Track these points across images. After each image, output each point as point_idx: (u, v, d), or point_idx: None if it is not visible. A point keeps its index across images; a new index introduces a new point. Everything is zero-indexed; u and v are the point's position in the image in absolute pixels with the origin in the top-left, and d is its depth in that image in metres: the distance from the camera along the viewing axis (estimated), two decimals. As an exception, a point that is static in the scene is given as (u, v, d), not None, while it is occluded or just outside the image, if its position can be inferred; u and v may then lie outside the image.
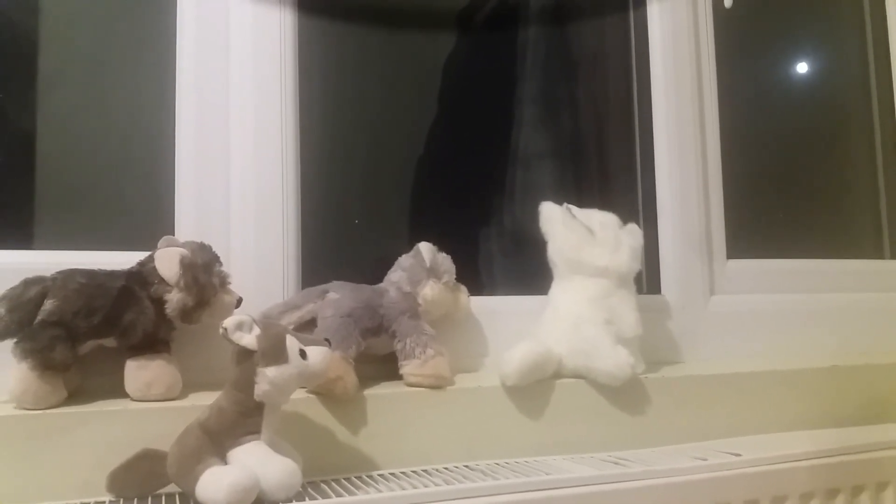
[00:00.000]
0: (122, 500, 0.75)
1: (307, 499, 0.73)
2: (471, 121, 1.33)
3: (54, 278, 0.83)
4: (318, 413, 0.87)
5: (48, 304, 0.80)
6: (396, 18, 1.28)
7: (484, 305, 1.12)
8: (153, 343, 0.86)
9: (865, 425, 1.10)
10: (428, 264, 1.01)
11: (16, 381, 0.78)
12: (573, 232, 1.06)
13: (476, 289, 1.11)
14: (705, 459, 0.90)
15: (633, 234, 1.08)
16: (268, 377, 0.73)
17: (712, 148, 1.32)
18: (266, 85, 1.05)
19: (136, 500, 0.75)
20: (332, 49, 1.20)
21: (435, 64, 1.33)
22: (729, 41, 1.38)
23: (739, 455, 0.91)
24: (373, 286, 1.01)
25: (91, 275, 0.84)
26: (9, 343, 0.80)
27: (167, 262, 0.86)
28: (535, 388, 0.98)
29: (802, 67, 1.61)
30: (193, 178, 1.01)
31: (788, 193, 1.52)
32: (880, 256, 1.54)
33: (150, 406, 0.82)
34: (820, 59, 1.62)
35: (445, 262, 1.04)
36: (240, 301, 0.91)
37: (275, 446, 0.75)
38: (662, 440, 1.02)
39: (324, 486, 0.80)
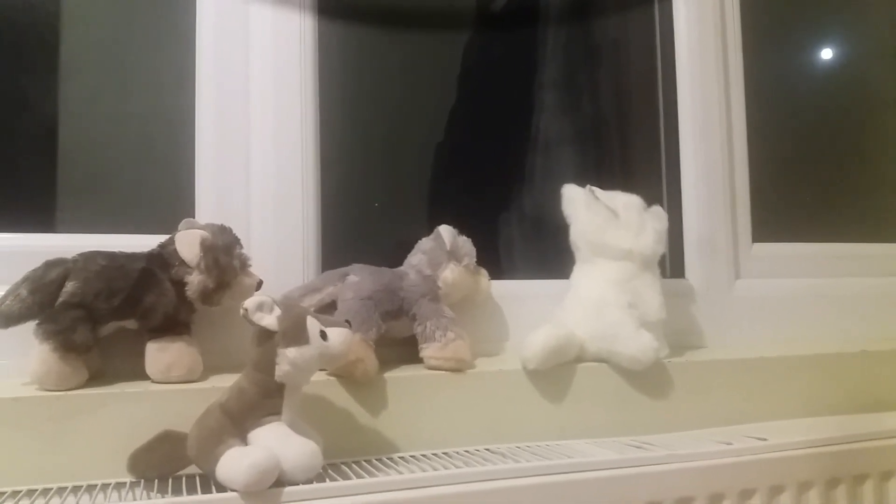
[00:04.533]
0: (142, 482, 0.75)
1: (328, 480, 0.73)
2: (492, 106, 1.32)
3: (75, 260, 0.83)
4: (339, 395, 0.87)
5: (69, 286, 0.80)
6: (418, 5, 1.27)
7: (505, 289, 1.11)
8: (174, 325, 0.86)
9: (894, 411, 1.08)
10: (448, 247, 1.00)
11: (38, 363, 0.78)
12: (596, 214, 1.04)
13: (497, 273, 1.10)
14: (730, 444, 0.88)
15: (657, 217, 1.06)
16: (288, 358, 0.73)
17: (738, 130, 1.30)
18: (286, 69, 1.04)
19: (156, 481, 0.75)
20: (352, 34, 1.19)
21: (457, 49, 1.31)
22: (755, 25, 1.35)
23: (765, 440, 0.90)
24: (393, 269, 1.00)
25: (112, 257, 0.85)
26: (31, 325, 0.80)
27: (187, 244, 0.86)
28: (557, 372, 0.97)
29: (829, 51, 1.58)
30: (214, 161, 1.01)
31: (815, 176, 1.50)
32: (909, 240, 1.51)
33: (170, 388, 0.82)
34: (847, 43, 1.59)
35: (466, 245, 1.03)
36: (260, 283, 0.91)
37: (295, 427, 0.74)
38: (686, 425, 1.01)
39: (344, 467, 0.80)
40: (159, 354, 0.84)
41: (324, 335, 0.76)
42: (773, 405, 1.06)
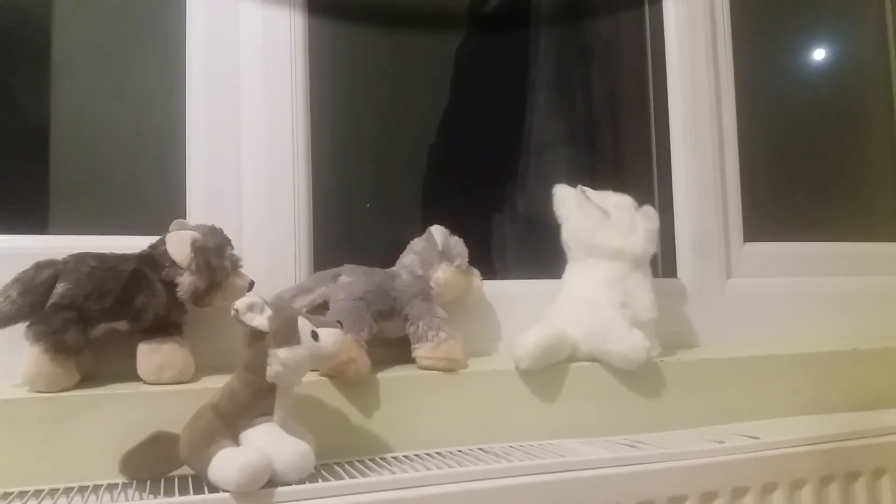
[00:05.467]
0: (134, 483, 0.75)
1: (320, 480, 0.73)
2: (483, 107, 1.32)
3: (66, 261, 0.82)
4: (331, 396, 0.87)
5: (60, 287, 0.80)
6: (410, 5, 1.27)
7: (497, 289, 1.11)
8: (165, 326, 0.86)
9: (886, 409, 1.09)
10: (440, 247, 1.00)
11: (28, 364, 0.78)
12: (587, 214, 1.05)
13: (489, 273, 1.10)
14: (722, 442, 0.89)
15: (648, 216, 1.06)
16: (280, 358, 0.73)
17: (728, 130, 1.31)
18: (276, 70, 1.04)
19: (148, 482, 0.75)
20: (343, 34, 1.19)
21: (449, 50, 1.31)
22: (745, 24, 1.36)
23: (757, 438, 0.90)
24: (385, 269, 1.00)
25: (102, 258, 0.84)
26: (21, 326, 0.80)
27: (178, 244, 0.86)
28: (550, 372, 0.97)
29: (821, 50, 1.58)
30: (204, 162, 1.01)
31: (806, 175, 1.50)
32: (900, 239, 1.52)
33: (162, 389, 0.82)
34: (838, 42, 1.59)
35: (458, 245, 1.03)
36: (252, 284, 0.90)
37: (287, 428, 0.74)
38: (678, 424, 1.01)
39: (336, 468, 0.80)
40: (151, 355, 0.84)
41: (315, 335, 0.75)
42: (765, 404, 1.06)
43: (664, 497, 0.82)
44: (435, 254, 1.00)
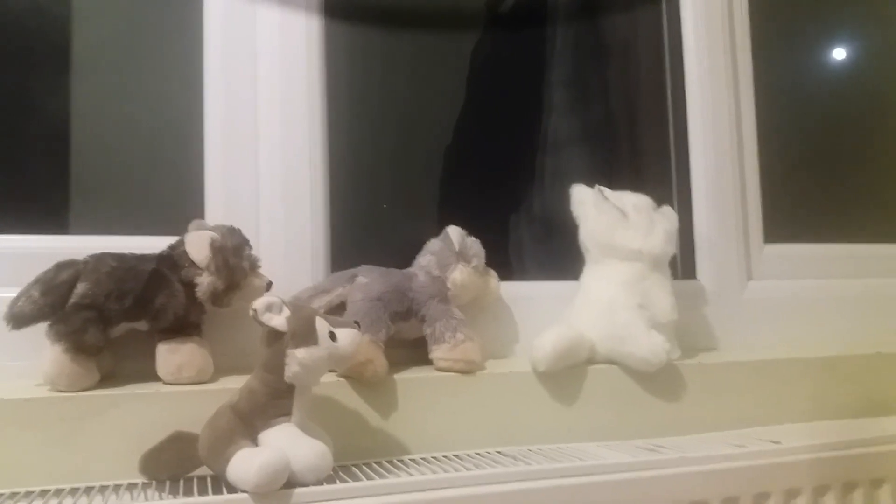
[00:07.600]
0: (153, 483, 0.75)
1: (337, 482, 0.72)
2: (500, 107, 1.32)
3: (86, 262, 0.83)
4: (349, 397, 0.87)
5: (80, 287, 0.81)
6: (426, 6, 1.27)
7: (514, 291, 1.10)
8: (184, 326, 0.86)
9: (910, 413, 1.08)
10: (457, 248, 1.00)
11: (49, 364, 0.79)
12: (606, 214, 1.04)
13: (506, 274, 1.10)
14: (743, 447, 0.88)
15: (667, 217, 1.06)
16: (298, 359, 0.73)
17: (748, 130, 1.30)
18: (293, 71, 1.04)
19: (167, 482, 0.75)
20: (360, 34, 1.19)
21: (465, 49, 1.31)
22: (764, 23, 1.34)
23: (779, 443, 0.89)
24: (402, 270, 1.00)
25: (122, 258, 0.85)
26: (42, 326, 0.80)
27: (197, 245, 0.86)
28: (568, 374, 0.96)
29: (841, 51, 1.57)
30: (223, 162, 1.01)
31: (827, 176, 1.49)
32: (922, 241, 1.49)
33: (181, 389, 0.83)
34: (858, 43, 1.58)
35: (475, 246, 1.02)
36: (270, 285, 0.91)
37: (305, 429, 0.74)
38: (698, 427, 1.00)
39: (354, 469, 0.79)
40: (170, 356, 0.85)
41: (333, 336, 0.75)
42: (786, 408, 1.05)
43: (685, 501, 0.81)
44: (452, 254, 1.00)
